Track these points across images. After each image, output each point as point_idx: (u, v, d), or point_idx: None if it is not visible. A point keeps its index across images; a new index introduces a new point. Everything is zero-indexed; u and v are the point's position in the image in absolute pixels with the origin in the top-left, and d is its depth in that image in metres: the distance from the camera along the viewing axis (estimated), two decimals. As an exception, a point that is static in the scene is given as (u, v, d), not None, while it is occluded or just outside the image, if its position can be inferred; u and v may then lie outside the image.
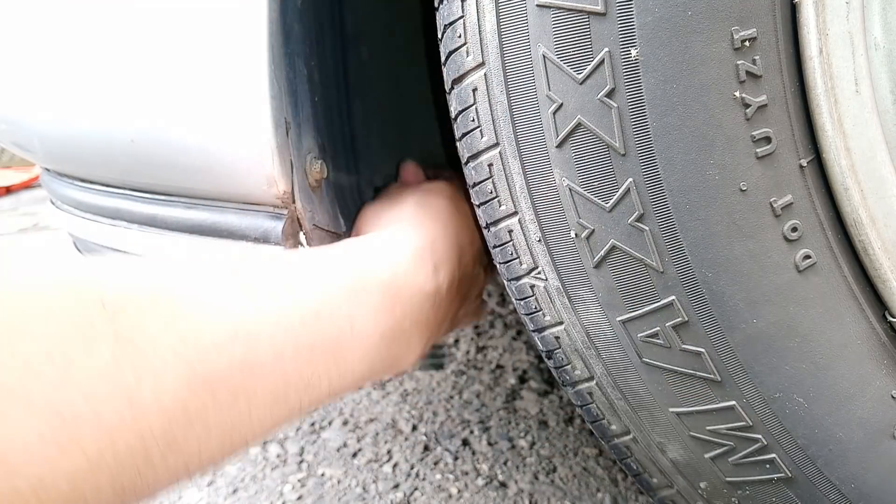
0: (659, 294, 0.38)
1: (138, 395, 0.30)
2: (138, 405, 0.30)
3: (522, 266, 0.42)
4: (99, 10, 0.49)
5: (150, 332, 0.32)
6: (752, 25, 0.33)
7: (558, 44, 0.34)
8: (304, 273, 0.43)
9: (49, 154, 0.66)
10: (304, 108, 0.52)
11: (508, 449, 0.90)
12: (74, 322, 0.30)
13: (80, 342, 0.29)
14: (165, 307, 0.34)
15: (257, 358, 0.36)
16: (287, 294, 0.41)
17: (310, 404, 0.41)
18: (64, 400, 0.28)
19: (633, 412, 0.43)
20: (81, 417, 0.28)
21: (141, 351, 0.31)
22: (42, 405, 0.27)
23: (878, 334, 0.39)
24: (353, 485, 0.85)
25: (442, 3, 0.39)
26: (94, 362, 0.29)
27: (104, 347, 0.30)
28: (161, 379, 0.31)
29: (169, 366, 0.32)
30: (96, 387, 0.29)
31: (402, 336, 0.48)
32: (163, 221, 0.59)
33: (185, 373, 0.33)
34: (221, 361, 0.34)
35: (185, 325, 0.34)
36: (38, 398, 0.27)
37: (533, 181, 0.38)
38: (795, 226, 0.36)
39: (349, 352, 0.43)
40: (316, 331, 0.41)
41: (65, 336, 0.29)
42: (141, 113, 0.51)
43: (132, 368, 0.30)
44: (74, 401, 0.28)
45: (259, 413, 0.37)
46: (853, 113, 0.35)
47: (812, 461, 0.40)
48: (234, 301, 0.37)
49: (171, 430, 0.32)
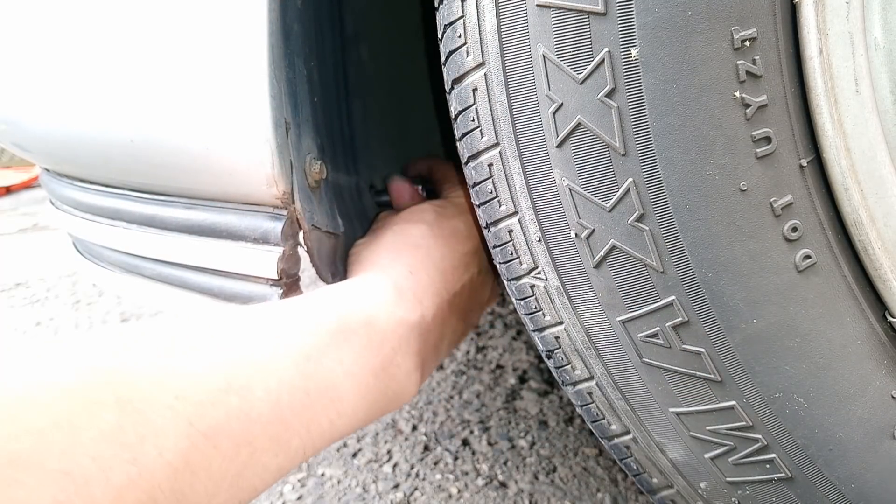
0: (659, 294, 0.37)
1: (142, 454, 0.32)
2: (143, 463, 0.32)
3: (522, 266, 0.42)
4: (98, 9, 0.49)
5: (146, 394, 0.34)
6: (752, 25, 0.33)
7: (558, 44, 0.34)
8: (291, 320, 0.45)
9: (48, 154, 0.66)
10: (303, 108, 0.52)
11: (508, 449, 0.90)
12: (77, 391, 0.32)
13: (84, 409, 0.31)
14: (159, 368, 0.36)
15: (253, 406, 0.38)
16: (276, 342, 0.42)
17: (314, 447, 0.43)
18: (74, 464, 0.30)
19: (633, 412, 0.43)
20: (91, 479, 0.30)
21: (140, 412, 0.33)
22: (54, 470, 0.29)
23: (878, 334, 0.39)
24: (353, 485, 0.85)
25: (442, 3, 0.39)
26: (99, 426, 0.31)
27: (107, 412, 0.32)
28: (162, 436, 0.33)
29: (168, 423, 0.34)
30: (103, 449, 0.31)
31: (396, 370, 0.49)
32: (162, 222, 0.59)
33: (184, 428, 0.34)
34: (218, 414, 0.36)
35: (178, 383, 0.36)
36: (49, 464, 0.29)
37: (533, 181, 0.38)
38: (795, 226, 0.36)
39: (344, 392, 0.44)
40: (308, 374, 0.42)
41: (70, 405, 0.31)
42: (140, 113, 0.51)
43: (134, 429, 0.32)
44: (83, 464, 0.30)
45: (263, 460, 0.39)
46: (853, 113, 0.35)
47: (812, 461, 0.40)
48: (225, 354, 0.39)
49: (177, 483, 0.33)
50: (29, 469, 0.28)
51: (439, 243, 0.59)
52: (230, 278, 0.56)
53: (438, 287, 0.56)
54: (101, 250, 0.71)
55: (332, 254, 0.59)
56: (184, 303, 0.62)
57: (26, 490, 0.28)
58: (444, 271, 0.57)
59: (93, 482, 0.30)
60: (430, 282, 0.55)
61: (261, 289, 0.54)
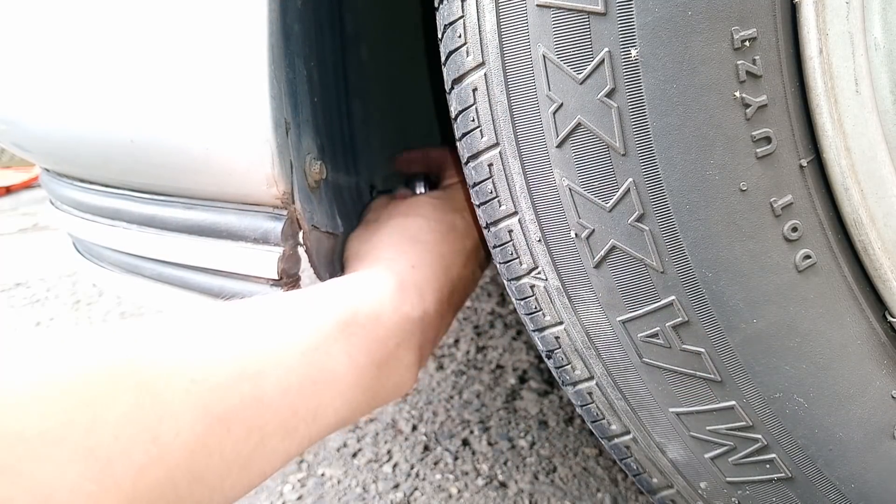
0: (659, 294, 0.37)
1: (161, 434, 0.34)
2: (162, 443, 0.34)
3: (522, 266, 0.42)
4: (98, 9, 0.49)
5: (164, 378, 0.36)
6: (752, 25, 0.33)
7: (558, 44, 0.34)
8: (299, 312, 0.46)
9: (48, 154, 0.66)
10: (303, 108, 0.52)
11: (508, 449, 0.90)
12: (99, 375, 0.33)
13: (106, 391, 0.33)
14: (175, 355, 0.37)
15: (265, 393, 0.40)
16: (286, 332, 0.44)
17: (318, 435, 0.44)
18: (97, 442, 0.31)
19: (633, 412, 0.43)
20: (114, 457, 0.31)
21: (158, 394, 0.35)
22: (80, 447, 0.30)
23: (878, 334, 0.39)
24: (353, 485, 0.85)
25: (442, 3, 0.39)
26: (120, 407, 0.33)
27: (127, 394, 0.33)
28: (179, 419, 0.35)
29: (184, 406, 0.35)
30: (124, 428, 0.32)
31: (398, 363, 0.51)
32: (162, 222, 0.59)
33: (200, 411, 0.36)
34: (232, 398, 0.38)
35: (194, 369, 0.37)
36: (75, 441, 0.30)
37: (533, 181, 0.38)
38: (795, 226, 0.36)
39: (349, 383, 0.46)
40: (316, 364, 0.44)
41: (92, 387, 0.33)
42: (140, 113, 0.51)
43: (153, 410, 0.34)
44: (106, 442, 0.31)
45: (272, 445, 0.40)
46: (853, 113, 0.35)
47: (812, 461, 0.40)
48: (238, 343, 0.41)
49: (193, 463, 0.35)
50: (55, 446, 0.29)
51: (439, 239, 0.60)
52: (230, 278, 0.56)
53: (440, 282, 0.57)
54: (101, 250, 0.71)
55: (331, 254, 0.59)
56: (184, 303, 0.62)
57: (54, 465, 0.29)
58: (445, 267, 0.58)
59: (115, 460, 0.31)
60: (432, 277, 0.56)
61: (261, 289, 0.54)
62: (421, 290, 0.54)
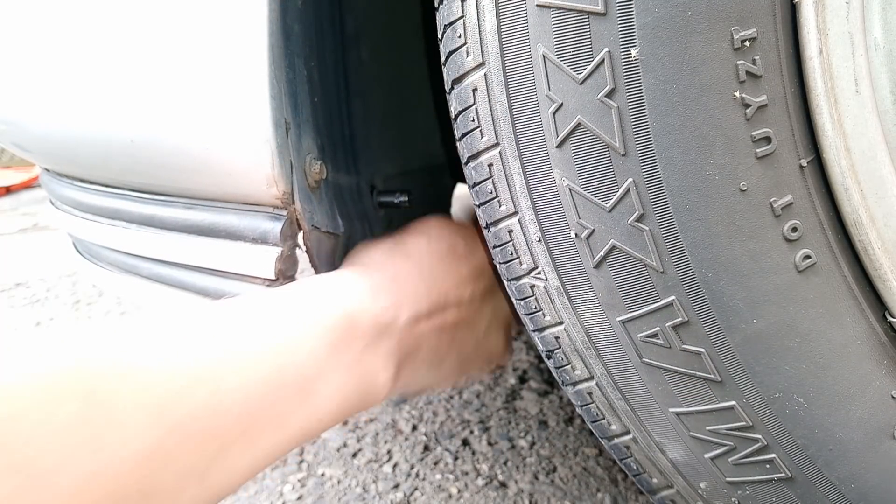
0: (659, 294, 0.37)
1: (106, 444, 0.32)
2: (108, 453, 0.32)
3: (522, 266, 0.42)
4: (98, 9, 0.49)
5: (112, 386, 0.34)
6: (752, 25, 0.33)
7: (558, 44, 0.34)
8: (265, 313, 0.45)
9: (48, 154, 0.66)
10: (303, 108, 0.52)
11: (508, 449, 0.90)
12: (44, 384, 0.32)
13: (49, 401, 0.32)
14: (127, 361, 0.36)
15: (223, 399, 0.38)
16: (249, 334, 0.42)
17: (286, 445, 0.42)
18: (37, 453, 0.30)
19: (633, 412, 0.43)
20: (56, 468, 0.30)
21: (104, 403, 0.33)
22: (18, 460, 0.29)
23: (878, 334, 0.39)
24: (353, 485, 0.85)
25: (442, 3, 0.39)
26: (63, 417, 0.31)
27: (71, 403, 0.32)
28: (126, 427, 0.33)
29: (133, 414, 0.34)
30: (66, 439, 0.31)
31: (367, 368, 0.49)
32: (161, 222, 0.59)
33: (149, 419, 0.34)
34: (186, 406, 0.36)
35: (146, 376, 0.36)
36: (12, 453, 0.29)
37: (533, 181, 0.38)
38: (795, 226, 0.36)
39: (317, 387, 0.44)
40: (282, 366, 0.42)
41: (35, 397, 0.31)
42: (140, 113, 0.51)
43: (98, 420, 0.33)
44: (47, 453, 0.30)
45: (233, 456, 0.38)
46: (853, 113, 0.35)
47: (812, 461, 0.40)
48: (198, 346, 0.39)
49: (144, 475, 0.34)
50: None
51: (433, 259, 0.59)
52: (227, 278, 0.56)
53: (419, 298, 0.55)
54: (100, 250, 0.71)
55: (332, 254, 0.58)
56: (182, 303, 0.62)
57: None
58: (429, 286, 0.57)
59: (57, 471, 0.30)
60: (412, 291, 0.54)
61: (257, 289, 0.54)
62: (395, 299, 0.52)
